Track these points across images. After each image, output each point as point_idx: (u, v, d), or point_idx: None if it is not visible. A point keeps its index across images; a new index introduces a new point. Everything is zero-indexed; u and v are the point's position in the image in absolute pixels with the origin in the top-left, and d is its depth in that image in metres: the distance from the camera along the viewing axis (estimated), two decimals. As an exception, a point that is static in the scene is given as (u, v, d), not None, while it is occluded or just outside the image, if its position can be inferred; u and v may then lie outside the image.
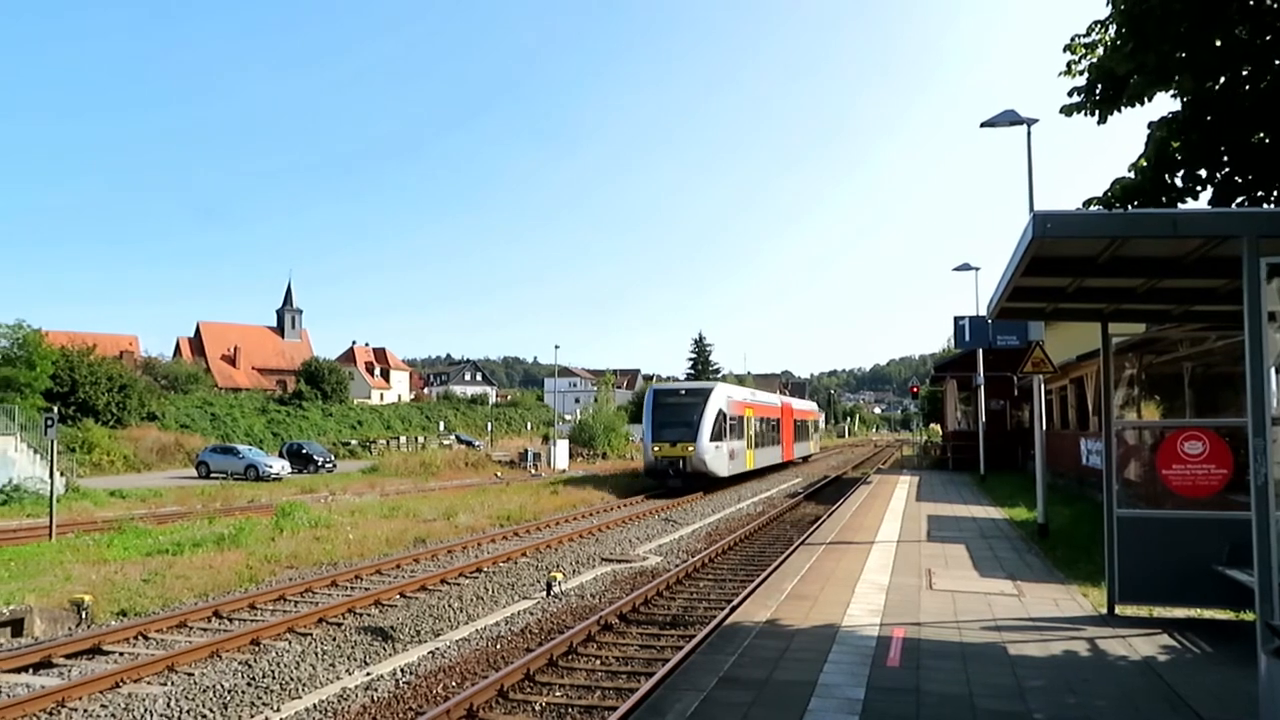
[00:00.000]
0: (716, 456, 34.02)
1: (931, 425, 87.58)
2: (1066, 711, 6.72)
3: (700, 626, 12.02)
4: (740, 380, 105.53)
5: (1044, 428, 18.11)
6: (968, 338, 23.91)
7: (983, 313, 26.09)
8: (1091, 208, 8.58)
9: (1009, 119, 17.51)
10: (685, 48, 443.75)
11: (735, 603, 12.67)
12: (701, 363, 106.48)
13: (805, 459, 60.48)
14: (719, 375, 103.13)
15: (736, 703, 6.89)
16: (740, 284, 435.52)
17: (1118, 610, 9.95)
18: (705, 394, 34.92)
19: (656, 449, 33.60)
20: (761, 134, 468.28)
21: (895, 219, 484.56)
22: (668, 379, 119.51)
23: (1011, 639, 9.03)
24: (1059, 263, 7.81)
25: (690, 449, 33.03)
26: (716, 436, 34.00)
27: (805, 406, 65.14)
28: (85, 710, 8.79)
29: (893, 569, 13.45)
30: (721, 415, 34.48)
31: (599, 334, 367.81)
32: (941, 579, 12.62)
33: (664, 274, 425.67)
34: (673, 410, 34.46)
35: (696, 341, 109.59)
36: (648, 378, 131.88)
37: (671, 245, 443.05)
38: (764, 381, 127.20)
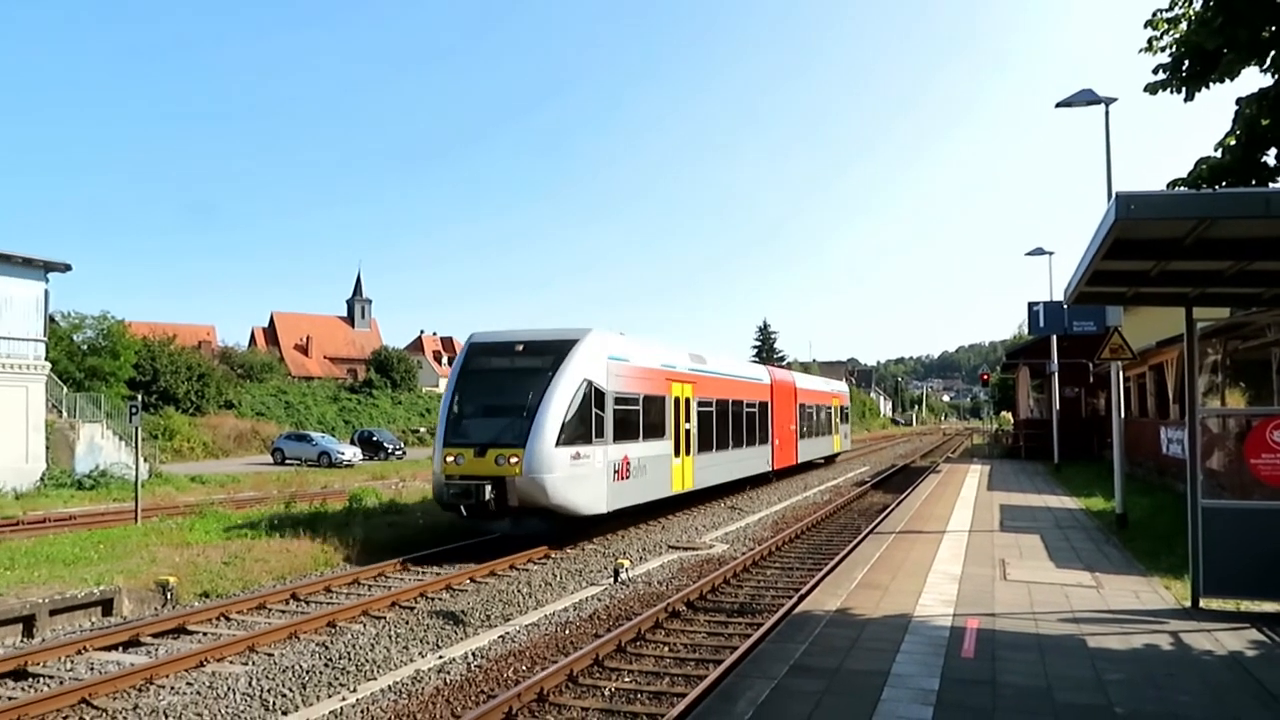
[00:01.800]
0: (575, 476, 17.37)
1: (1002, 413, 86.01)
2: (1149, 705, 6.55)
3: (769, 614, 11.97)
4: (805, 368, 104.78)
5: (1122, 416, 17.62)
6: (1042, 324, 23.33)
7: (1058, 298, 25.44)
8: (1177, 189, 8.30)
9: (1086, 98, 17.01)
10: (746, 42, 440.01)
11: (804, 591, 12.60)
12: (766, 350, 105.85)
13: (829, 459, 44.58)
14: (784, 362, 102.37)
15: (808, 691, 6.86)
16: (806, 272, 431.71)
17: (1202, 604, 9.67)
18: (560, 351, 18.03)
19: (450, 459, 17.28)
20: (828, 123, 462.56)
21: (965, 204, 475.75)
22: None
23: (1090, 631, 8.83)
24: (1142, 245, 7.59)
25: (515, 461, 16.77)
26: (577, 436, 17.50)
27: (821, 386, 44.49)
28: (172, 687, 9.10)
29: (965, 559, 13.24)
30: (591, 394, 17.93)
31: (664, 321, 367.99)
32: (1016, 569, 12.38)
33: (730, 261, 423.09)
34: (494, 383, 18.36)
35: (761, 329, 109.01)
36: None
37: (738, 232, 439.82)
38: (830, 369, 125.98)
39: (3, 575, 13.36)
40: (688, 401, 23.31)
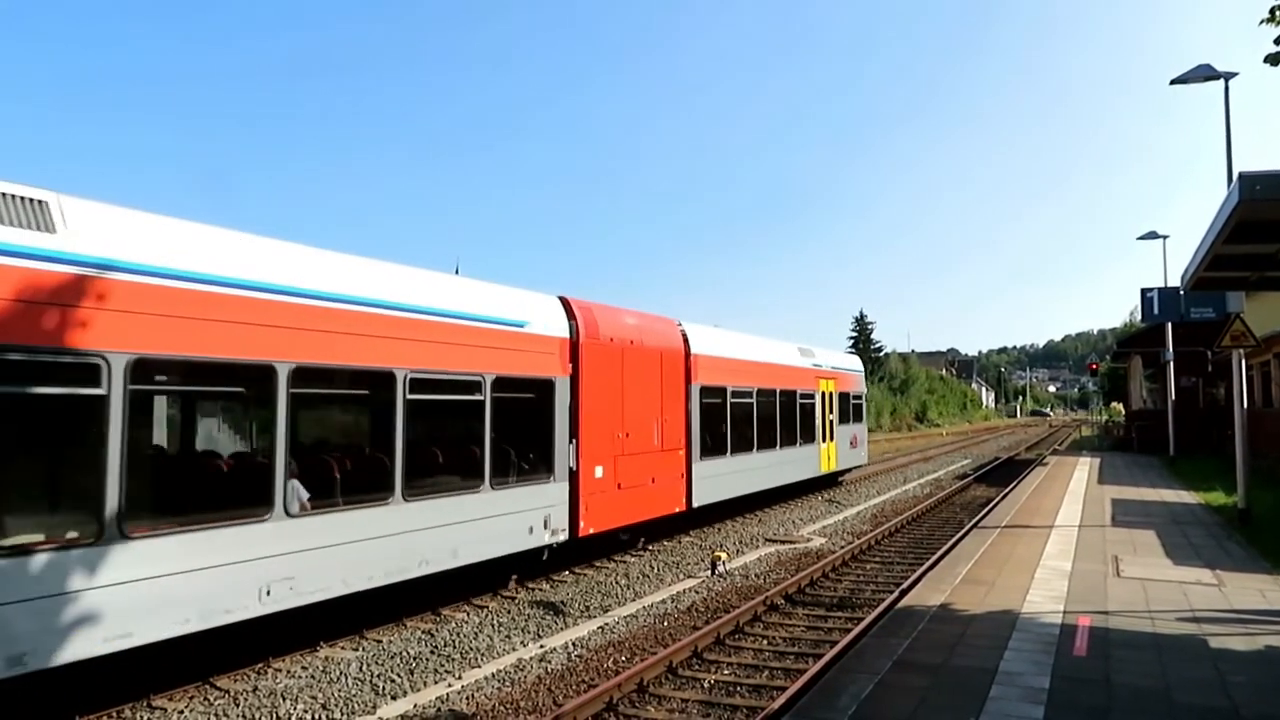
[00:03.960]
0: None
1: (1113, 404, 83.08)
2: (1277, 710, 6.24)
3: (869, 609, 11.81)
4: (904, 360, 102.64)
5: (1245, 406, 16.76)
6: (1156, 310, 22.35)
7: (1173, 283, 24.38)
8: (1305, 165, 7.85)
9: (1203, 74, 16.22)
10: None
11: (905, 586, 12.38)
12: (863, 341, 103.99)
13: (828, 481, 27.49)
14: (882, 354, 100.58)
15: (913, 687, 6.75)
16: (901, 258, 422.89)
17: (1335, 604, 9.14)
18: None
19: None
20: (924, 93, 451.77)
21: (1071, 184, 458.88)
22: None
23: (1212, 631, 8.46)
24: (1267, 227, 7.21)
25: None
26: None
27: (782, 356, 23.94)
28: (289, 671, 9.47)
29: (1075, 555, 12.82)
30: None
31: (752, 312, 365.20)
32: (1130, 566, 11.93)
33: (823, 249, 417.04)
34: None
35: (857, 320, 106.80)
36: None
37: (844, 222, 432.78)
38: (929, 359, 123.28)
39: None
40: None
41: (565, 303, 14.57)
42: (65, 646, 7.18)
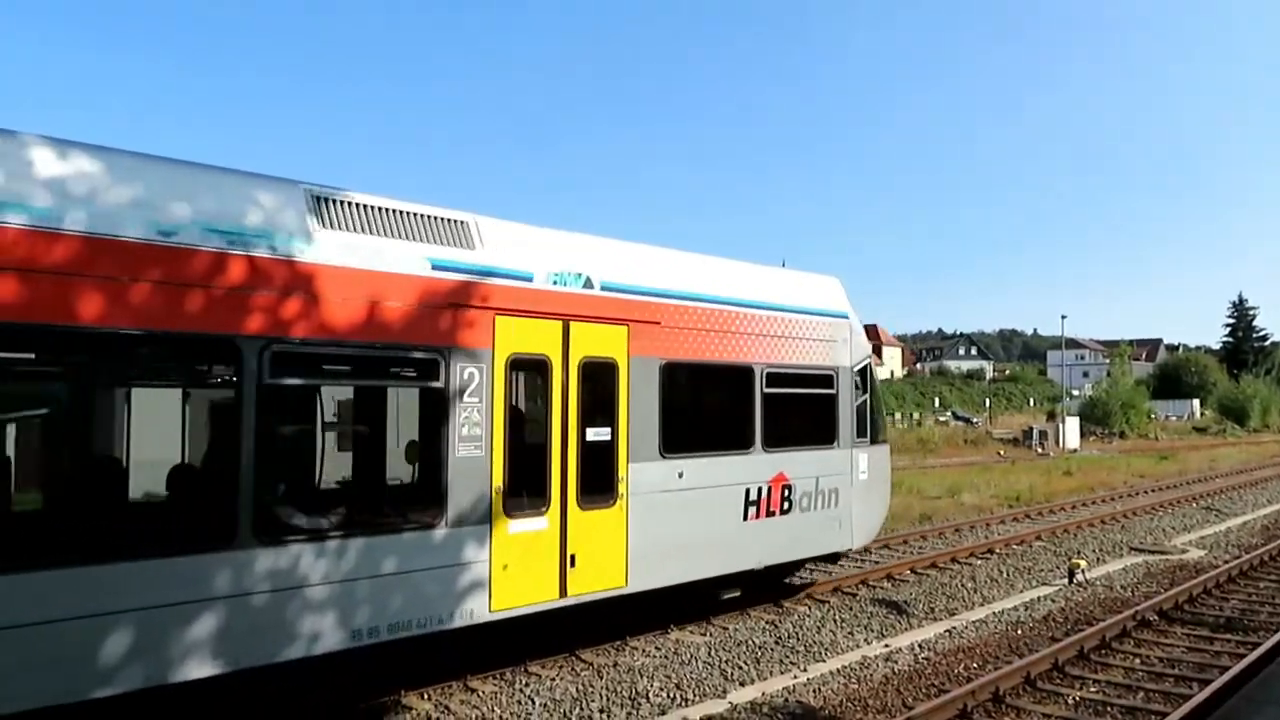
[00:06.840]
0: None
1: None
2: None
3: (1267, 633, 10.39)
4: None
5: None
6: None
7: None
8: None
9: None
10: None
11: (1313, 610, 10.76)
12: (1242, 329, 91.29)
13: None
14: (1267, 343, 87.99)
15: (1335, 727, 5.85)
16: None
17: None
18: None
19: None
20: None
21: None
22: (1197, 349, 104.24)
23: None
24: None
25: None
26: None
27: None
28: (644, 650, 10.03)
29: None
30: None
31: (1111, 301, 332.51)
32: None
33: (1193, 230, 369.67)
34: None
35: (1235, 304, 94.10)
36: (1171, 348, 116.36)
37: (1203, 197, 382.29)
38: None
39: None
40: None
41: None
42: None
